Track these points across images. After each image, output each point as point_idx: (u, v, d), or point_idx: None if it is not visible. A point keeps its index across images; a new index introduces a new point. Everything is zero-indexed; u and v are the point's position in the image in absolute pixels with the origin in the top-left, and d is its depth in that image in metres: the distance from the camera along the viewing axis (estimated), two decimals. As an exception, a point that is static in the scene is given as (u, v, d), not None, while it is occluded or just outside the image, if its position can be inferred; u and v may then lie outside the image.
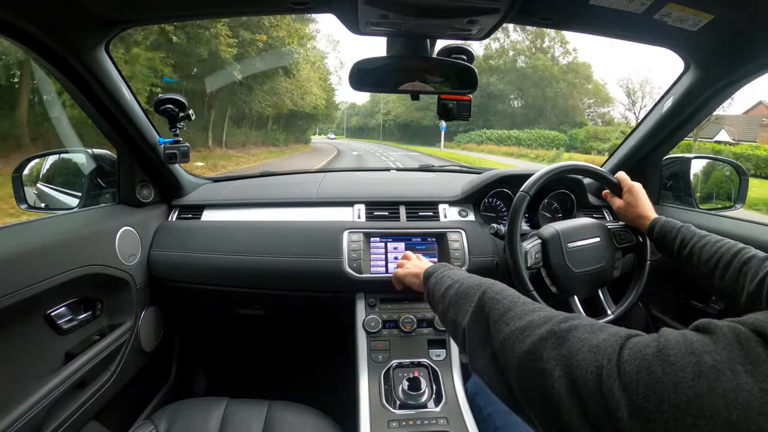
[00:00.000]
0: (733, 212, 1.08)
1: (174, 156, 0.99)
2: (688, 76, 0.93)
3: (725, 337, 0.29)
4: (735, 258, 0.67)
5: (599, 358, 0.33)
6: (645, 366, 0.30)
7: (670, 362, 0.29)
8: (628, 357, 0.31)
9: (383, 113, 51.25)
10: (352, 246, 1.01)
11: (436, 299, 0.62)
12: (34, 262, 0.71)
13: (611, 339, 0.34)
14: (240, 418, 0.80)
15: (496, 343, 0.43)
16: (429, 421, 0.77)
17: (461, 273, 0.62)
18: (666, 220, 0.82)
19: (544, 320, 0.41)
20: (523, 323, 0.41)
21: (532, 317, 0.42)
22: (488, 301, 0.48)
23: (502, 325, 0.43)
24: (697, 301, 0.98)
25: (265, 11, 0.79)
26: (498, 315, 0.45)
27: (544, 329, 0.39)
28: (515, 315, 0.44)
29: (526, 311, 0.44)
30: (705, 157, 1.20)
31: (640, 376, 0.29)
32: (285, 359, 1.53)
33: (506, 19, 0.70)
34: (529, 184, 0.86)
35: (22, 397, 0.67)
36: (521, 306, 0.45)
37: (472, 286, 0.54)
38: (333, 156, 19.16)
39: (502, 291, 0.50)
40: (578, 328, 0.37)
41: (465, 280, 0.57)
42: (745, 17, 0.68)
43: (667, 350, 0.30)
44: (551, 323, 0.39)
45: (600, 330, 0.36)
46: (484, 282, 0.54)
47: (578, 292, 0.88)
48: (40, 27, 0.68)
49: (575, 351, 0.35)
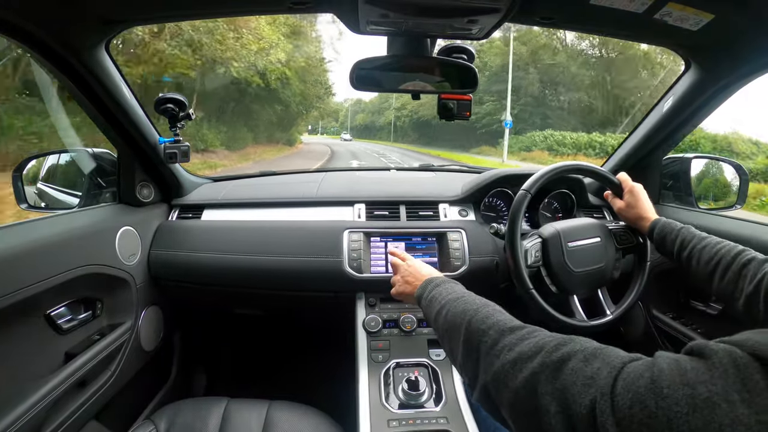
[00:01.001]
0: (733, 212, 1.08)
1: (174, 155, 0.99)
2: (689, 76, 0.92)
3: (721, 363, 0.28)
4: (735, 260, 0.67)
5: (592, 391, 0.32)
6: (638, 400, 0.29)
7: (663, 395, 0.28)
8: (621, 390, 0.30)
9: (395, 108, 42.40)
10: (353, 246, 1.01)
11: (430, 323, 0.60)
12: (34, 261, 0.70)
13: (605, 369, 0.33)
14: (240, 417, 0.80)
15: (488, 376, 0.42)
16: (429, 420, 0.77)
17: (448, 293, 0.59)
18: (666, 221, 0.81)
19: (534, 351, 0.39)
20: (513, 356, 0.40)
21: (521, 348, 0.40)
22: (475, 333, 0.47)
23: (492, 358, 0.42)
24: (697, 301, 0.98)
25: (265, 11, 0.79)
26: (487, 348, 0.44)
27: (536, 362, 0.37)
28: (504, 346, 0.42)
29: (515, 341, 0.42)
30: (705, 157, 1.20)
31: (633, 411, 0.29)
32: (285, 359, 1.52)
33: (507, 18, 0.70)
34: (531, 182, 0.86)
35: (22, 397, 0.67)
36: (510, 335, 0.43)
37: (457, 315, 0.52)
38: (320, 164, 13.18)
39: (487, 319, 0.48)
40: (571, 357, 0.36)
41: (452, 305, 0.55)
42: (746, 17, 0.68)
43: (660, 381, 0.29)
44: (542, 354, 0.38)
45: (594, 357, 0.35)
46: (469, 308, 0.51)
47: (577, 292, 0.88)
48: (40, 26, 0.68)
49: (569, 384, 0.34)
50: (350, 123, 63.76)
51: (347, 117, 69.27)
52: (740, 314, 0.64)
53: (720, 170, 1.20)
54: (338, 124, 71.40)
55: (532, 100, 22.31)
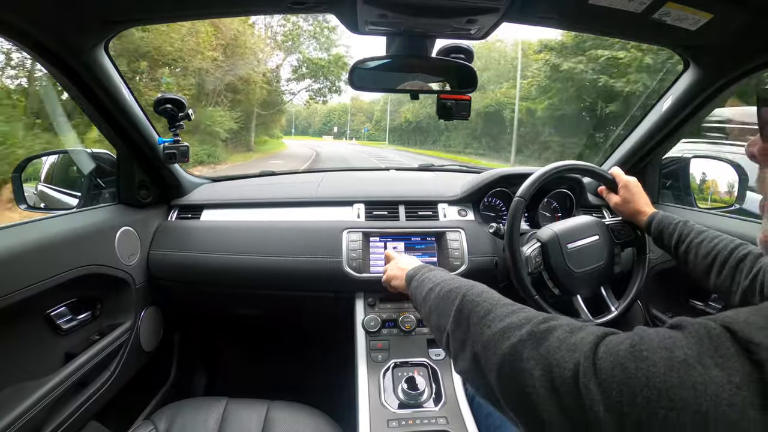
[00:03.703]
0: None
1: (174, 156, 0.99)
2: (688, 75, 0.93)
3: (696, 332, 0.30)
4: (731, 255, 0.67)
5: (576, 355, 0.34)
6: (619, 362, 0.31)
7: (642, 357, 0.30)
8: (603, 354, 0.32)
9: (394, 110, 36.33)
10: (352, 245, 1.01)
11: (418, 303, 0.61)
12: (34, 261, 0.71)
13: (588, 337, 0.35)
14: (239, 417, 0.80)
15: (478, 345, 0.43)
16: (428, 420, 0.77)
17: (441, 275, 0.61)
18: (664, 215, 0.82)
19: (524, 321, 0.41)
20: (504, 325, 0.42)
21: (512, 319, 0.42)
22: (468, 303, 0.49)
23: (483, 327, 0.44)
24: (697, 301, 0.98)
25: (265, 11, 0.79)
26: (478, 318, 0.46)
27: (524, 330, 0.40)
28: (496, 317, 0.44)
29: (506, 313, 0.44)
30: (705, 157, 1.20)
31: (614, 372, 0.31)
32: (284, 359, 1.52)
33: (506, 18, 0.70)
34: (525, 188, 0.86)
35: (22, 397, 0.67)
36: (501, 308, 0.45)
37: (452, 289, 0.53)
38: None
39: (481, 293, 0.50)
40: (557, 328, 0.38)
41: (445, 282, 0.56)
42: (745, 16, 0.68)
43: (640, 346, 0.31)
44: (531, 324, 0.40)
45: (579, 329, 0.37)
46: (464, 284, 0.54)
47: (580, 292, 0.88)
48: (39, 27, 0.68)
49: (554, 350, 0.36)
50: (389, 123, 43.95)
51: (386, 114, 48.08)
52: (737, 307, 0.64)
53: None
54: (371, 125, 57.40)
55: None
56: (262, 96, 17.34)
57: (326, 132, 69.83)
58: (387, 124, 46.58)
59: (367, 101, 62.29)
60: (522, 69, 18.47)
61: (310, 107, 79.75)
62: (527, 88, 17.02)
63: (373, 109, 62.07)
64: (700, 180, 1.19)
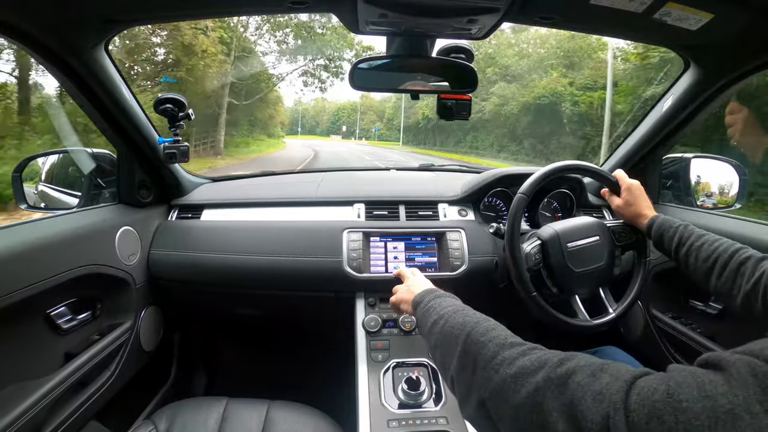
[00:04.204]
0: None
1: (174, 155, 0.99)
2: (688, 75, 0.93)
3: (739, 373, 0.27)
4: (732, 258, 0.67)
5: (604, 406, 0.30)
6: (655, 414, 0.28)
7: (682, 409, 0.27)
8: (636, 405, 0.29)
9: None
10: (352, 245, 1.01)
11: (424, 333, 0.58)
12: (34, 261, 0.70)
13: (616, 383, 0.31)
14: (239, 417, 0.80)
15: (485, 392, 0.40)
16: (428, 420, 0.77)
17: (447, 304, 0.58)
18: (664, 218, 0.81)
19: (537, 365, 0.37)
20: (515, 370, 0.38)
21: (523, 362, 0.39)
22: (473, 344, 0.45)
23: (491, 372, 0.40)
24: (697, 301, 0.98)
25: (265, 11, 0.79)
26: (485, 361, 0.42)
27: (539, 376, 0.36)
28: (504, 360, 0.40)
29: (516, 355, 0.40)
30: (705, 157, 1.20)
31: (650, 426, 0.27)
32: (284, 359, 1.52)
33: (506, 18, 0.70)
34: (528, 185, 0.86)
35: (23, 397, 0.67)
36: (510, 349, 0.42)
37: (455, 326, 0.50)
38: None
39: (487, 332, 0.46)
40: (577, 371, 0.35)
41: (450, 317, 0.53)
42: (745, 16, 0.68)
43: (678, 395, 0.28)
44: (547, 368, 0.36)
45: (601, 371, 0.34)
46: (469, 321, 0.50)
47: (579, 292, 0.88)
48: (40, 27, 0.68)
49: (578, 399, 0.32)
50: (403, 121, 38.59)
51: (399, 112, 42.74)
52: (738, 312, 0.64)
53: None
54: (382, 123, 53.28)
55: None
56: (218, 73, 11.79)
57: (334, 131, 66.32)
58: (401, 123, 39.98)
59: (378, 99, 56.77)
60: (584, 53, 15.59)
61: (318, 105, 76.79)
62: (589, 76, 14.04)
63: (384, 107, 57.21)
64: (695, 182, 1.19)
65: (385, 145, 38.88)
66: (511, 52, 21.49)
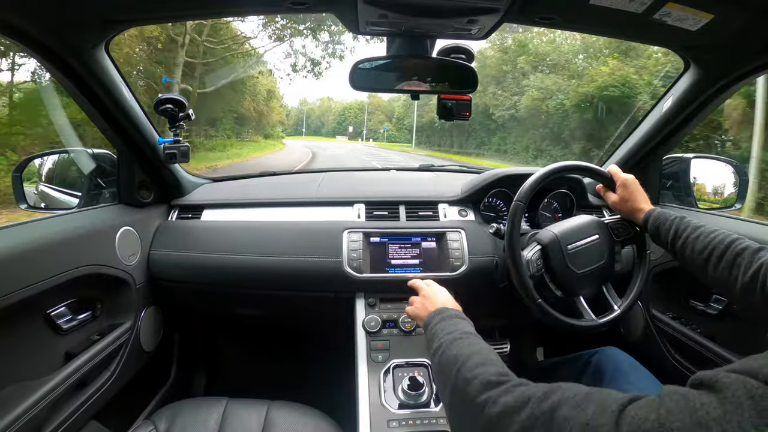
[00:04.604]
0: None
1: (174, 156, 0.99)
2: (688, 76, 0.93)
3: (734, 396, 0.26)
4: (728, 249, 0.67)
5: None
6: None
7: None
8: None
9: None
10: (352, 246, 1.01)
11: (429, 356, 0.61)
12: (34, 261, 0.70)
13: (603, 414, 0.31)
14: (239, 418, 0.80)
15: (475, 429, 0.41)
16: (429, 420, 0.77)
17: (448, 330, 0.59)
18: (660, 211, 0.82)
19: (521, 402, 0.37)
20: (498, 409, 0.38)
21: (506, 400, 0.39)
22: (461, 381, 0.46)
23: (477, 411, 0.41)
24: (697, 301, 0.98)
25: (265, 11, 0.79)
26: (471, 399, 0.43)
27: (524, 414, 0.36)
28: (488, 399, 0.40)
29: (498, 394, 0.40)
30: (705, 157, 1.20)
31: None
32: (284, 359, 1.53)
33: (506, 18, 0.70)
34: (523, 191, 0.86)
35: (22, 397, 0.67)
36: (493, 389, 0.42)
37: (449, 359, 0.51)
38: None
39: (474, 368, 0.46)
40: (561, 404, 0.34)
41: (446, 347, 0.54)
42: (745, 17, 0.68)
43: (671, 423, 0.27)
44: (530, 405, 0.36)
45: (586, 401, 0.33)
46: (461, 355, 0.50)
47: (583, 292, 0.88)
48: (40, 27, 0.68)
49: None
50: (415, 121, 33.43)
51: (411, 111, 37.83)
52: (737, 303, 0.64)
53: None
54: (392, 123, 48.94)
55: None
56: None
57: (340, 132, 63.67)
58: (413, 122, 34.21)
59: (387, 99, 51.09)
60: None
61: (323, 105, 74.48)
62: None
63: (392, 107, 52.25)
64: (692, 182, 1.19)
65: (395, 147, 34.08)
66: (547, 38, 17.97)
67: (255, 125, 19.32)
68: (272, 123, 24.49)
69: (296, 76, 16.69)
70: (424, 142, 31.59)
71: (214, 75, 12.28)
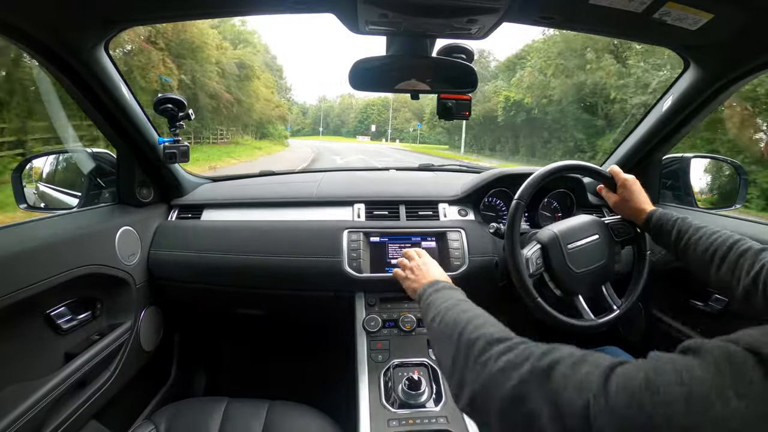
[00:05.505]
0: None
1: (174, 156, 0.99)
2: (688, 75, 0.93)
3: (715, 360, 0.28)
4: (731, 250, 0.67)
5: (585, 393, 0.32)
6: (635, 400, 0.29)
7: (659, 393, 0.28)
8: (615, 390, 0.30)
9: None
10: (352, 245, 1.01)
11: (426, 326, 0.61)
12: (34, 261, 0.70)
13: (596, 372, 0.33)
14: (240, 418, 0.80)
15: (477, 385, 0.42)
16: (429, 420, 0.77)
17: (444, 300, 0.60)
18: (662, 212, 0.81)
19: (522, 358, 0.39)
20: (501, 364, 0.40)
21: (509, 356, 0.41)
22: (464, 343, 0.47)
23: (480, 367, 0.42)
24: (697, 301, 0.98)
25: (265, 11, 0.79)
26: (474, 357, 0.44)
27: (524, 368, 0.38)
28: (492, 356, 0.42)
29: (503, 350, 0.42)
30: (705, 157, 1.20)
31: (630, 411, 0.29)
32: (285, 359, 1.52)
33: (506, 18, 0.70)
34: (523, 190, 0.85)
35: (22, 397, 0.67)
36: (497, 345, 0.44)
37: (449, 324, 0.52)
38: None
39: (476, 330, 0.48)
40: (560, 362, 0.36)
41: (445, 313, 0.55)
42: (745, 16, 0.68)
43: (656, 381, 0.29)
44: (531, 360, 0.38)
45: (582, 362, 0.35)
46: (462, 318, 0.52)
47: (582, 292, 0.88)
48: (40, 27, 0.68)
49: (560, 388, 0.34)
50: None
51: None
52: (739, 304, 0.64)
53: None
54: (425, 122, 40.33)
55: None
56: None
57: (361, 132, 59.28)
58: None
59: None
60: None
61: (343, 102, 66.33)
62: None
63: (421, 104, 38.15)
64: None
65: (433, 151, 25.91)
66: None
67: (232, 118, 14.71)
68: (268, 118, 20.16)
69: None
70: (471, 144, 25.65)
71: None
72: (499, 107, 19.93)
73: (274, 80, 25.99)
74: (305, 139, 37.63)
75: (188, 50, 12.35)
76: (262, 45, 13.09)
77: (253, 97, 17.95)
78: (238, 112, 15.77)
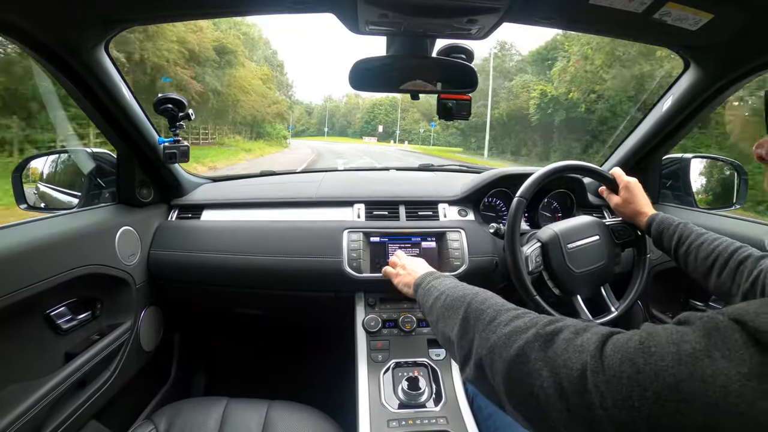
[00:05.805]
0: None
1: (174, 156, 0.99)
2: (688, 75, 0.93)
3: (704, 326, 0.30)
4: (731, 257, 0.67)
5: (583, 356, 0.34)
6: (628, 358, 0.31)
7: (651, 353, 0.30)
8: (610, 352, 0.33)
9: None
10: (352, 245, 1.01)
11: (425, 311, 0.63)
12: (34, 261, 0.70)
13: (594, 337, 0.35)
14: (240, 417, 0.80)
15: (483, 350, 0.44)
16: (429, 420, 0.77)
17: (447, 283, 0.62)
18: (664, 216, 0.82)
19: (529, 324, 0.42)
20: (509, 329, 0.42)
21: (517, 323, 0.43)
22: (473, 312, 0.49)
23: (489, 333, 0.44)
24: (697, 301, 0.98)
25: (265, 11, 0.79)
26: (483, 325, 0.46)
27: (530, 333, 0.40)
28: (501, 322, 0.45)
29: (511, 318, 0.45)
30: (705, 157, 1.20)
31: (623, 368, 0.31)
32: (285, 359, 1.53)
33: (506, 18, 0.70)
34: (526, 187, 0.86)
35: (22, 397, 0.67)
36: (506, 313, 0.46)
37: (457, 298, 0.54)
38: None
39: (486, 300, 0.51)
40: (563, 329, 0.38)
41: (450, 291, 0.57)
42: (745, 16, 0.68)
43: (648, 342, 0.31)
44: (536, 327, 0.40)
45: (584, 330, 0.37)
46: (469, 292, 0.54)
47: (581, 292, 0.88)
48: (40, 27, 0.68)
49: (561, 352, 0.36)
50: (489, 117, 20.39)
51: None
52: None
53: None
54: (438, 123, 31.67)
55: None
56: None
57: (368, 132, 56.32)
58: (487, 119, 20.68)
59: (423, 96, 43.85)
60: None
61: (350, 102, 63.53)
62: None
63: (431, 103, 34.22)
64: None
65: (447, 155, 22.77)
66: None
67: (212, 113, 12.23)
68: (263, 116, 17.44)
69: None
70: (495, 149, 22.20)
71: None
72: (531, 104, 17.27)
73: (273, 75, 24.08)
74: (308, 139, 37.30)
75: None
76: (263, 39, 11.75)
77: (239, 90, 14.80)
78: (219, 107, 13.02)
